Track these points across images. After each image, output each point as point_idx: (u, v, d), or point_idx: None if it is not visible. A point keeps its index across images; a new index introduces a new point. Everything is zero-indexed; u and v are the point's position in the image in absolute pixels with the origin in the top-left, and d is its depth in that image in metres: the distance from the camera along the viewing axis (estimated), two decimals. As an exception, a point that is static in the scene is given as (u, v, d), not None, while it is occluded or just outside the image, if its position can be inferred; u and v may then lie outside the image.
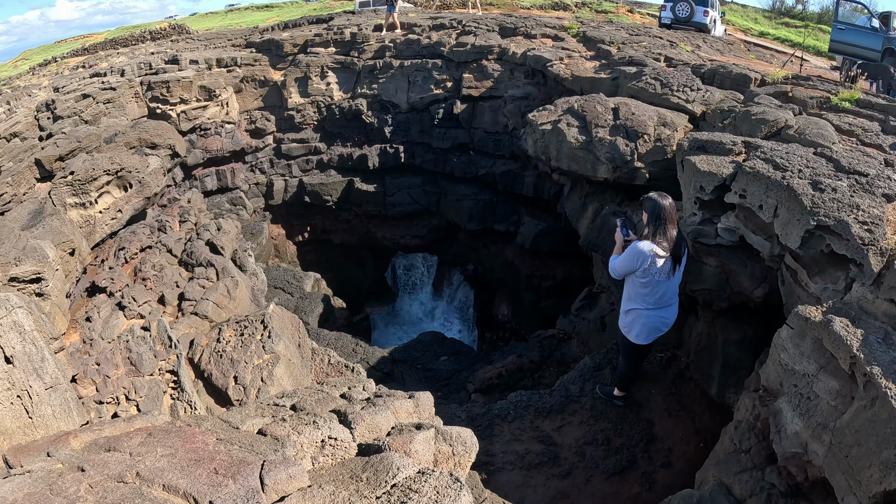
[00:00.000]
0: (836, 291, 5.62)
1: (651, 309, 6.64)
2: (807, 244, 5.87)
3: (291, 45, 21.08)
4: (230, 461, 2.97)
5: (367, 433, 3.72)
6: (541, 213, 17.72)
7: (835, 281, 5.72)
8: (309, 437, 3.47)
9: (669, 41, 18.16)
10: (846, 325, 4.75)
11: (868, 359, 4.32)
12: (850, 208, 5.71)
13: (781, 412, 5.17)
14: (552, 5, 40.29)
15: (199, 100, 18.22)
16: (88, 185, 11.73)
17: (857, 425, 4.21)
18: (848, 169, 6.55)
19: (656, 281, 6.41)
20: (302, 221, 21.51)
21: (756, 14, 44.99)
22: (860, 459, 4.06)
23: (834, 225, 5.59)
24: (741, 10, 45.17)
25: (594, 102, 11.30)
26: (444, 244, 21.41)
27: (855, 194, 6.00)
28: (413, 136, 19.94)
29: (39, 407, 5.05)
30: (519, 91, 17.73)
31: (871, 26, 14.92)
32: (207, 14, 70.13)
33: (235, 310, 11.09)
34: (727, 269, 7.34)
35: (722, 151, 7.78)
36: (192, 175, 18.67)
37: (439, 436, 3.81)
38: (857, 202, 5.80)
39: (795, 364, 5.13)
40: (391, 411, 4.04)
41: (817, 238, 5.82)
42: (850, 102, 9.62)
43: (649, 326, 6.76)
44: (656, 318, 6.70)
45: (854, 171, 6.49)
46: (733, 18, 39.84)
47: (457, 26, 21.00)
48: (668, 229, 6.34)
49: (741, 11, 44.80)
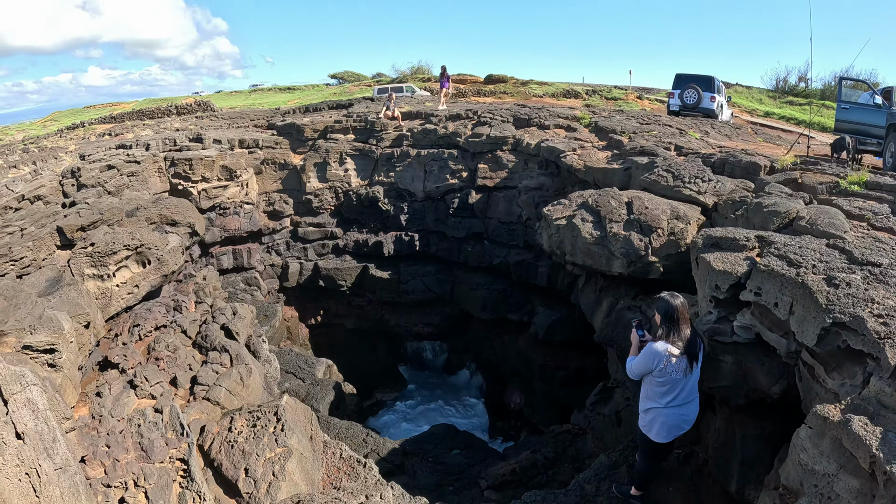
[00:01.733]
0: (854, 386, 5.55)
1: (670, 407, 6.58)
2: (823, 341, 5.83)
3: (312, 130, 21.59)
4: None
5: None
6: (555, 303, 17.71)
7: (852, 376, 5.66)
8: None
9: (679, 129, 18.44)
10: (865, 424, 4.69)
11: (888, 457, 4.26)
12: (864, 302, 5.70)
13: (804, 513, 5.06)
14: (563, 93, 41.08)
15: (221, 179, 18.58)
16: (108, 258, 11.85)
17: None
18: (861, 260, 6.57)
19: (674, 379, 6.39)
20: (315, 305, 21.57)
21: (761, 94, 45.63)
22: None
23: (850, 321, 5.56)
24: (746, 92, 45.81)
25: (608, 197, 11.43)
26: (457, 332, 21.36)
27: (869, 287, 5.99)
28: (428, 224, 20.16)
29: (48, 487, 5.02)
30: (533, 181, 17.97)
31: (874, 103, 14.96)
32: (232, 92, 71.97)
33: (248, 397, 11.03)
34: (744, 365, 7.28)
35: (736, 248, 7.81)
36: (209, 252, 18.88)
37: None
38: (872, 295, 5.79)
39: (815, 464, 5.04)
40: None
41: (833, 334, 5.79)
42: (859, 185, 9.69)
43: (669, 424, 6.68)
44: (676, 415, 6.63)
45: (867, 262, 6.50)
46: (739, 100, 40.43)
47: (472, 117, 21.46)
48: (681, 328, 6.35)
49: (746, 93, 45.45)
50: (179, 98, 56.11)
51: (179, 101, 44.32)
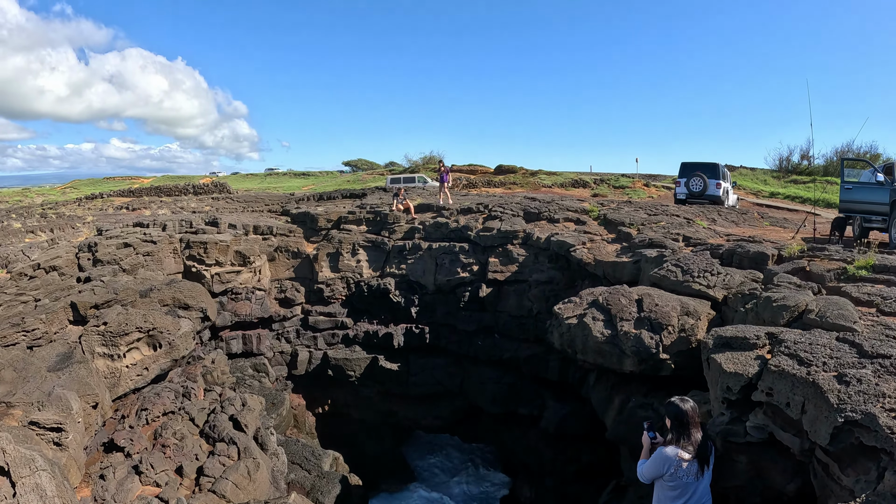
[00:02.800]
0: (869, 482, 5.49)
1: None
2: (836, 439, 5.81)
3: (325, 220, 21.99)
4: None
5: None
6: (566, 397, 17.57)
7: (867, 472, 5.61)
8: None
9: (686, 218, 18.67)
10: (880, 526, 4.67)
11: (903, 555, 4.25)
12: (876, 398, 5.70)
13: None
14: (572, 183, 41.71)
15: (234, 264, 18.84)
16: (119, 338, 11.95)
17: None
18: (871, 353, 6.58)
19: (685, 483, 6.34)
20: (323, 393, 21.47)
21: (765, 175, 46.24)
22: None
23: (862, 419, 5.56)
24: (750, 174, 46.44)
25: (618, 295, 11.49)
26: (466, 425, 21.13)
27: (880, 380, 5.99)
28: (438, 317, 20.23)
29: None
30: (543, 275, 18.11)
31: (876, 181, 15.04)
32: (248, 175, 73.55)
33: (254, 492, 10.92)
34: (758, 465, 7.21)
35: (746, 346, 7.81)
36: (218, 335, 18.98)
37: None
38: (883, 389, 5.79)
39: (833, 565, 4.99)
40: None
41: (846, 432, 5.77)
42: (867, 269, 9.72)
43: None
44: None
45: (878, 355, 6.50)
46: (744, 182, 40.93)
47: (483, 210, 21.81)
48: (692, 433, 6.36)
49: (750, 174, 46.06)
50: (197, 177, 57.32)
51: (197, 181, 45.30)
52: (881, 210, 14.71)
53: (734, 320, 9.74)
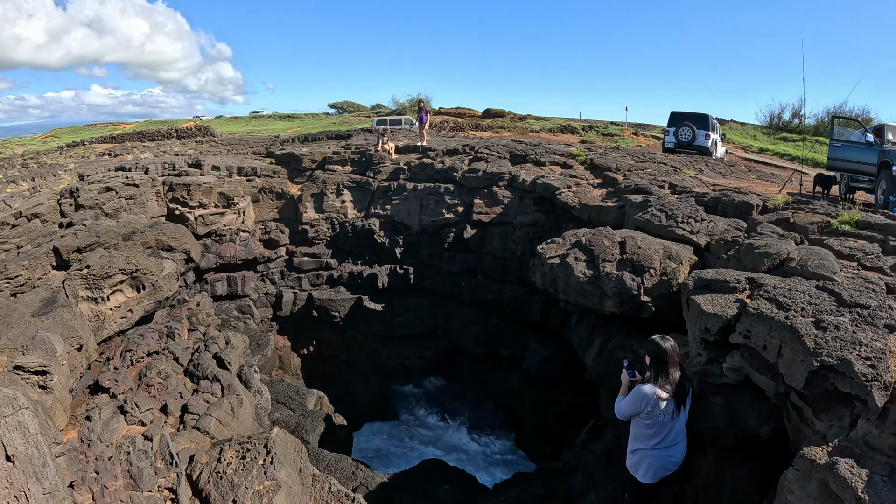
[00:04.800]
0: (842, 428, 5.57)
1: (657, 449, 6.60)
2: (811, 384, 5.87)
3: (310, 161, 21.79)
4: None
5: None
6: (547, 340, 17.75)
7: (840, 418, 5.68)
8: None
9: (673, 167, 18.60)
10: (851, 467, 4.73)
11: (874, 500, 4.34)
12: (852, 345, 5.75)
13: (791, 554, 5.08)
14: (560, 129, 41.41)
15: (218, 206, 18.69)
16: (103, 281, 11.90)
17: None
18: (850, 302, 6.62)
19: (661, 422, 6.42)
20: (308, 335, 21.55)
21: (755, 131, 46.07)
22: None
23: (837, 364, 5.62)
24: (741, 128, 46.24)
25: (601, 236, 11.51)
26: (449, 367, 21.35)
27: (857, 329, 6.04)
28: (423, 258, 20.28)
29: (36, 511, 5.01)
30: (528, 218, 18.10)
31: (865, 141, 15.14)
32: (232, 118, 72.57)
33: (238, 428, 10.99)
34: (733, 407, 7.30)
35: (726, 290, 7.86)
36: (203, 278, 18.92)
37: None
38: (860, 338, 5.84)
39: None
40: None
41: (821, 377, 5.83)
42: (850, 225, 9.75)
43: (656, 466, 6.70)
44: (663, 457, 6.65)
45: (856, 304, 6.55)
46: (733, 136, 40.76)
47: (469, 152, 21.67)
48: (670, 372, 6.40)
49: (741, 129, 45.88)
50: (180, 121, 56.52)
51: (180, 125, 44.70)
52: (868, 170, 14.81)
53: (716, 266, 9.78)
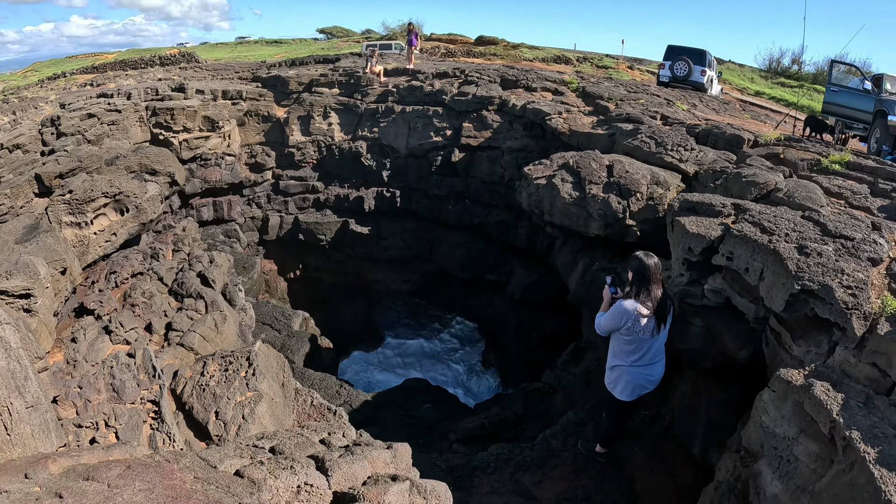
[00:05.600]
0: (819, 355, 5.62)
1: (635, 366, 6.68)
2: (791, 308, 5.91)
3: (297, 83, 21.42)
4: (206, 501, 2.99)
5: (343, 482, 3.75)
6: (533, 265, 17.82)
7: (818, 344, 5.73)
8: (285, 482, 3.50)
9: (667, 99, 18.42)
10: (827, 390, 4.77)
11: (848, 423, 4.35)
12: (834, 273, 5.76)
13: (761, 474, 5.15)
14: (554, 59, 40.87)
15: (202, 130, 18.40)
16: (86, 205, 11.78)
17: (835, 489, 4.21)
18: (834, 233, 6.62)
19: (640, 339, 6.47)
20: (295, 258, 21.55)
21: (753, 74, 45.57)
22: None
23: (818, 289, 5.64)
24: (738, 70, 45.73)
25: (589, 159, 11.44)
26: (435, 290, 21.46)
27: (840, 258, 6.05)
28: (410, 181, 20.15)
29: (18, 425, 5.01)
30: (517, 143, 17.95)
31: (863, 88, 15.16)
32: (217, 44, 71.06)
33: (222, 344, 11.05)
34: (712, 329, 7.37)
35: (711, 213, 7.85)
36: (189, 204, 18.76)
37: (414, 489, 3.84)
38: (842, 266, 5.85)
39: (776, 427, 5.12)
40: (368, 461, 4.07)
41: (801, 302, 5.86)
42: (841, 165, 9.71)
43: (634, 383, 6.78)
44: (641, 375, 6.72)
45: (840, 236, 6.55)
46: (730, 78, 40.35)
47: (459, 75, 21.37)
48: (652, 289, 6.41)
49: (738, 71, 45.39)
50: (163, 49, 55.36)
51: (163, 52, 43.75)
52: (863, 118, 14.78)
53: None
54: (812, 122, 15.22)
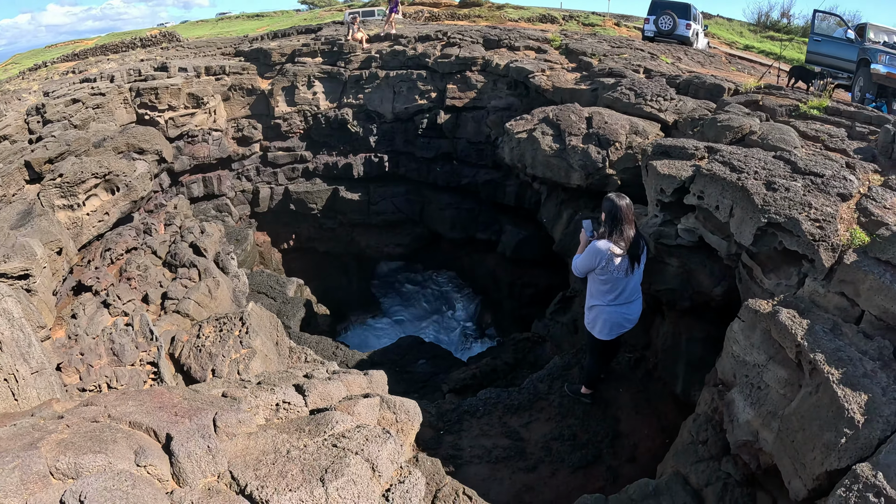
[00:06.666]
0: (790, 287, 5.81)
1: (612, 305, 6.86)
2: (760, 241, 6.10)
3: (279, 55, 21.35)
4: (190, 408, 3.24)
5: (319, 400, 3.99)
6: (522, 222, 18.00)
7: (788, 277, 5.93)
8: (265, 399, 3.75)
9: (651, 53, 18.45)
10: (793, 316, 4.97)
11: (812, 347, 4.53)
12: (801, 206, 5.94)
13: (734, 402, 5.36)
14: (539, 18, 40.60)
15: (188, 107, 18.43)
16: (76, 187, 11.91)
17: (802, 411, 4.38)
18: (804, 170, 6.78)
19: (615, 278, 6.64)
20: (287, 229, 21.67)
21: (742, 28, 45.39)
22: (805, 443, 4.23)
23: (785, 222, 5.82)
24: (727, 24, 45.54)
25: (568, 112, 11.59)
26: (427, 253, 21.68)
27: (809, 193, 6.22)
28: (398, 145, 20.21)
29: (25, 390, 5.22)
30: (501, 102, 18.02)
31: (846, 38, 15.36)
32: (198, 22, 70.37)
33: (216, 309, 11.28)
34: (688, 268, 7.58)
35: (684, 156, 8.02)
36: (178, 181, 18.84)
37: (384, 403, 4.08)
38: (810, 201, 6.02)
39: (746, 355, 5.33)
40: (344, 384, 4.31)
41: (770, 235, 6.05)
42: (819, 110, 9.83)
43: (612, 322, 6.97)
44: (618, 314, 6.91)
45: (810, 173, 6.70)
46: (719, 32, 40.20)
47: (441, 38, 21.34)
48: (624, 229, 6.56)
49: (727, 25, 45.21)
50: (144, 31, 54.70)
51: (144, 34, 43.33)
52: (847, 66, 14.95)
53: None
54: (797, 71, 15.34)
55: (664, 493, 5.65)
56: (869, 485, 3.44)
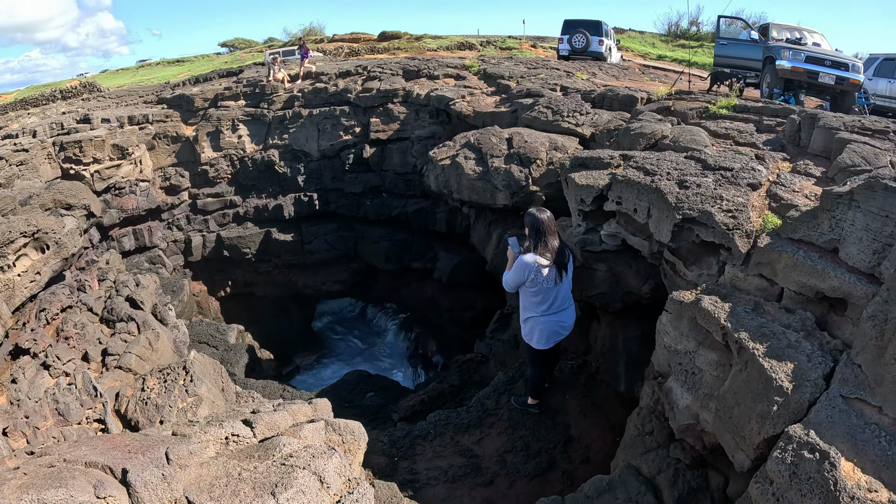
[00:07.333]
0: (711, 276, 6.15)
1: (547, 315, 7.09)
2: (678, 237, 6.44)
3: (202, 100, 21.24)
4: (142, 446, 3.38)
5: (266, 430, 4.14)
6: (455, 248, 18.22)
7: (709, 267, 6.27)
8: (214, 434, 3.88)
9: (566, 71, 19.00)
10: (715, 301, 5.28)
11: (736, 327, 4.84)
12: (713, 199, 6.30)
13: (672, 390, 5.62)
14: (458, 45, 41.17)
15: (113, 158, 18.18)
16: (5, 247, 11.69)
17: (735, 388, 4.65)
18: (714, 166, 7.19)
19: (545, 289, 6.88)
20: (223, 276, 21.43)
21: (654, 39, 46.75)
22: (741, 417, 4.48)
23: (699, 216, 6.17)
24: (639, 37, 46.83)
25: (489, 135, 11.90)
26: (365, 287, 21.68)
27: (720, 187, 6.60)
28: (326, 182, 20.27)
29: (-27, 458, 5.19)
30: (425, 131, 18.32)
31: (750, 38, 16.14)
32: (118, 70, 68.85)
33: (158, 361, 11.16)
34: (615, 271, 7.89)
35: (601, 166, 8.36)
36: (109, 236, 18.51)
37: (329, 426, 4.25)
38: (721, 193, 6.40)
39: (677, 345, 5.62)
40: (289, 413, 4.47)
41: (687, 230, 6.39)
42: (728, 109, 10.35)
43: (548, 331, 7.20)
44: (553, 322, 7.15)
45: (720, 168, 7.12)
46: (632, 45, 41.31)
47: (362, 72, 21.61)
48: (548, 240, 6.82)
49: (639, 38, 46.49)
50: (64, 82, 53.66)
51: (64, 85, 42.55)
52: (754, 66, 15.72)
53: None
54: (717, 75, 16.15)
55: (618, 487, 5.85)
56: (802, 443, 3.69)
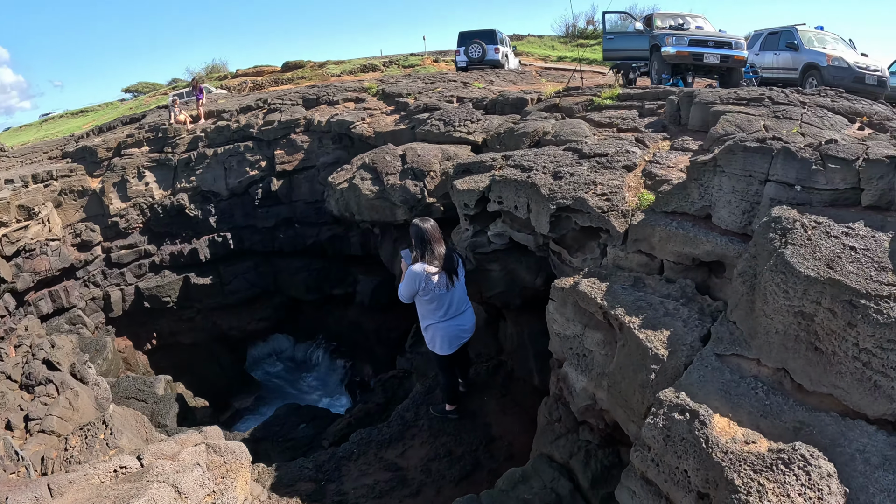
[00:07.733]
0: (595, 259, 6.41)
1: (445, 321, 7.29)
2: (557, 227, 6.69)
3: (105, 150, 20.86)
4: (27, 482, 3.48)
5: (152, 459, 4.21)
6: (373, 269, 18.34)
7: (592, 251, 6.53)
8: (103, 468, 3.95)
9: (464, 82, 19.37)
10: (592, 283, 5.53)
11: (612, 304, 5.09)
12: (587, 186, 6.58)
13: (568, 375, 5.83)
14: (361, 68, 41.48)
15: (20, 220, 17.72)
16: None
17: (620, 362, 4.87)
18: (590, 154, 7.50)
19: (439, 295, 7.07)
20: (147, 328, 20.99)
21: (553, 41, 47.81)
22: (627, 390, 4.69)
23: (573, 203, 6.43)
24: (538, 41, 47.88)
25: (383, 153, 12.09)
26: (290, 320, 21.58)
27: (595, 174, 6.89)
28: (238, 220, 20.17)
29: None
30: (329, 157, 18.40)
31: (635, 30, 16.78)
32: (22, 127, 66.96)
33: (81, 420, 10.95)
34: (509, 269, 8.12)
35: (483, 169, 8.61)
36: (24, 301, 18.05)
37: (209, 448, 4.36)
38: (596, 179, 6.68)
39: (566, 330, 5.83)
40: (178, 442, 4.56)
41: (565, 219, 6.65)
42: (612, 99, 10.76)
43: (449, 336, 7.39)
44: (452, 327, 7.34)
45: (595, 155, 7.43)
46: (532, 49, 42.25)
47: (263, 105, 21.59)
48: (434, 248, 7.04)
49: (538, 42, 47.55)
50: (-37, 144, 52.12)
51: (-36, 149, 41.37)
52: (642, 55, 16.30)
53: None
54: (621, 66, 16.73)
55: (532, 476, 6.02)
56: (673, 405, 3.86)
